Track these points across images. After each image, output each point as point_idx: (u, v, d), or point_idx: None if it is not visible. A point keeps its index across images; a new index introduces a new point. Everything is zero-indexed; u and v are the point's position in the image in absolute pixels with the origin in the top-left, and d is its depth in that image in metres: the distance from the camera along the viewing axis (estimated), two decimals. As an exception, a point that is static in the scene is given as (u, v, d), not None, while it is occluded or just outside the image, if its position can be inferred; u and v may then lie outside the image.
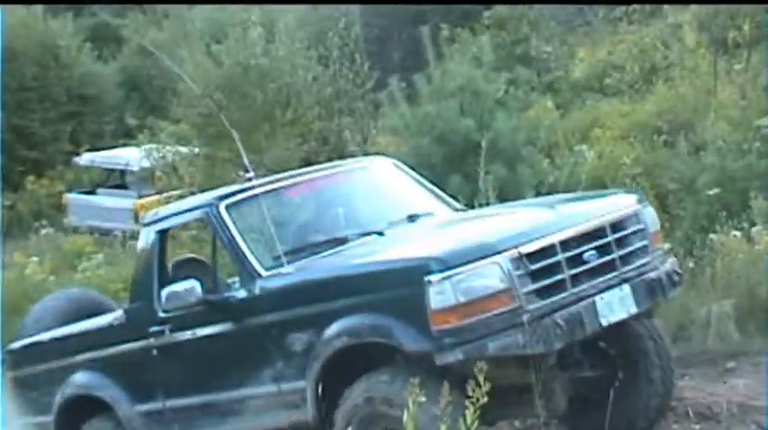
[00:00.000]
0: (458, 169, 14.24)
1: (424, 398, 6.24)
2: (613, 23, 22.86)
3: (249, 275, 8.29)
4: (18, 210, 29.73)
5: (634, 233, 8.03)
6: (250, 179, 9.35)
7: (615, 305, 7.55)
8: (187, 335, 8.73)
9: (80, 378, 9.73)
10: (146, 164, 22.88)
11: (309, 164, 19.45)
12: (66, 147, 33.88)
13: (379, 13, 28.97)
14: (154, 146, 21.58)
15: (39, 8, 37.45)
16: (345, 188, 9.77)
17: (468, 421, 5.19)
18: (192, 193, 19.35)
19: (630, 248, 7.93)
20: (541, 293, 7.21)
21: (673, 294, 8.51)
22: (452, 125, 15.27)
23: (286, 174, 10.01)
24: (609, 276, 7.66)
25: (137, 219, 23.98)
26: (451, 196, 10.10)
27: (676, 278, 8.28)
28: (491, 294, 7.04)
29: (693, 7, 18.46)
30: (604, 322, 7.44)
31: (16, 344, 10.72)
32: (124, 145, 27.61)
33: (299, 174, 9.79)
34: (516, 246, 7.20)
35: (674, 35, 19.52)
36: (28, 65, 35.06)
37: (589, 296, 7.42)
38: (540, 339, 7.00)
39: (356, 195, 9.74)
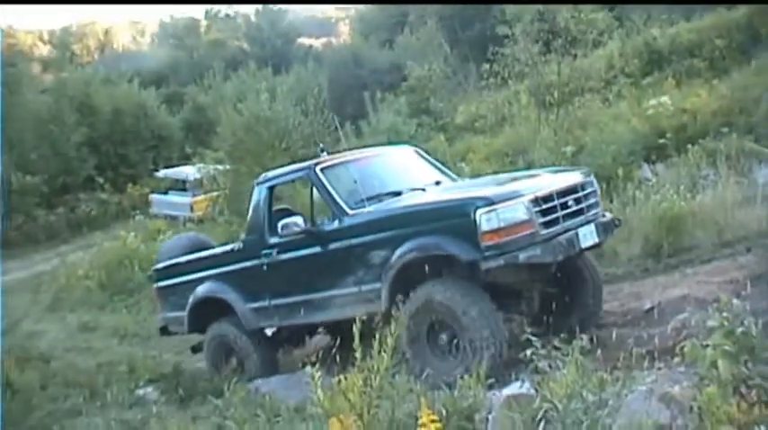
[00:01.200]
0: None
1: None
2: (479, 89, 22.82)
3: (339, 213, 8.17)
4: (122, 205, 30.41)
5: (592, 192, 8.11)
6: (323, 151, 9.28)
7: (587, 236, 7.67)
8: (290, 255, 8.61)
9: (208, 286, 9.61)
10: (197, 176, 23.26)
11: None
12: (150, 166, 34.31)
13: (338, 83, 29.05)
14: (202, 165, 21.97)
15: (135, 83, 38.56)
16: (392, 161, 9.56)
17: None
18: (226, 195, 19.77)
19: (591, 201, 8.00)
20: (547, 225, 7.29)
21: (614, 233, 8.56)
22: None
23: (353, 151, 9.93)
24: (581, 218, 7.75)
25: (192, 209, 24.28)
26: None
27: (617, 223, 8.42)
28: (519, 222, 7.12)
29: (526, 81, 18.44)
30: (582, 246, 7.60)
31: (160, 265, 10.59)
32: (184, 164, 27.79)
33: (363, 152, 9.74)
34: (533, 192, 7.31)
35: (515, 97, 19.59)
36: (128, 117, 35.68)
37: (572, 229, 7.52)
38: (550, 252, 7.16)
39: (399, 166, 9.43)
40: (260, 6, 52.54)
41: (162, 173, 29.15)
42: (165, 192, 27.51)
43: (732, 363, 3.46)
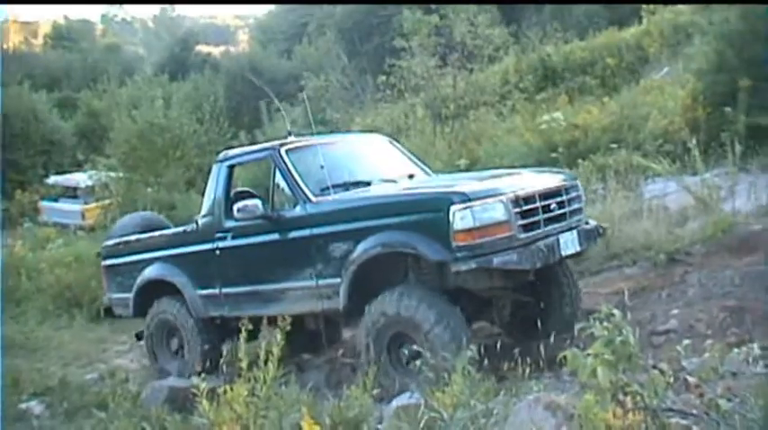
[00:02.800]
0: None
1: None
2: (376, 101, 22.90)
3: (302, 199, 7.51)
4: (10, 212, 29.41)
5: (576, 197, 7.55)
6: (290, 134, 8.60)
7: (569, 243, 7.07)
8: (245, 241, 8.03)
9: (157, 267, 9.02)
10: (89, 183, 22.57)
11: (193, 185, 19.70)
12: (40, 172, 33.32)
13: (234, 92, 28.78)
14: (94, 172, 21.43)
15: (26, 85, 37.21)
16: (363, 149, 9.03)
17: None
18: (119, 203, 19.35)
19: (574, 206, 7.44)
20: (526, 228, 6.70)
21: (597, 242, 8.03)
22: (278, 161, 15.32)
23: (321, 136, 9.26)
24: (563, 223, 7.15)
25: (83, 217, 23.67)
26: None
27: (600, 231, 7.82)
28: (496, 223, 6.52)
29: (422, 94, 18.57)
30: (563, 253, 7.01)
31: (109, 242, 9.95)
32: (76, 171, 27.16)
33: (332, 137, 9.23)
34: (513, 192, 6.70)
35: (411, 110, 19.70)
36: (18, 120, 34.37)
37: (553, 235, 6.93)
38: (527, 259, 6.53)
39: (371, 155, 8.87)
40: (158, 12, 51.86)
41: (52, 179, 28.42)
42: (56, 200, 26.84)
43: (611, 371, 3.55)
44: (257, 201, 7.78)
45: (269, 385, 4.39)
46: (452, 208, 6.46)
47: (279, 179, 7.84)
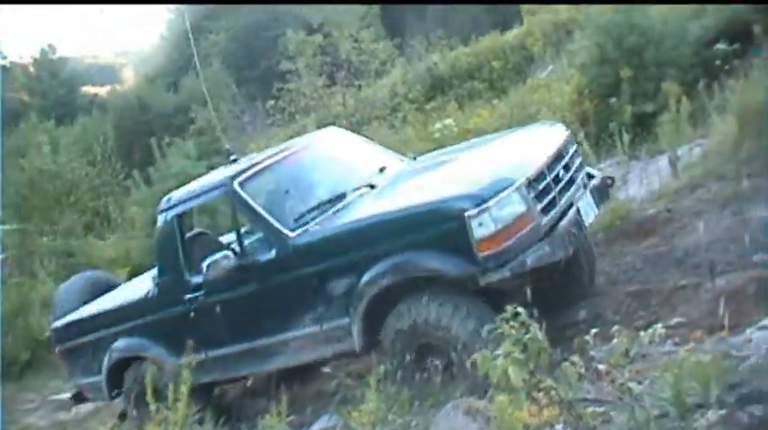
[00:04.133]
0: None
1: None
2: (268, 126, 22.73)
3: (278, 238, 6.44)
4: None
5: (575, 151, 6.68)
6: (235, 161, 7.56)
7: (588, 210, 6.24)
8: (221, 296, 6.86)
9: (124, 343, 7.81)
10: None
11: (91, 230, 19.19)
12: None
13: (123, 130, 28.22)
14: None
15: None
16: (321, 154, 7.70)
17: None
18: (14, 256, 18.66)
19: (577, 162, 6.56)
20: (545, 210, 5.81)
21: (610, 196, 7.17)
22: (173, 195, 15.10)
23: (266, 152, 7.81)
24: (575, 187, 6.28)
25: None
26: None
27: (609, 182, 6.97)
28: (518, 216, 5.57)
29: (313, 114, 18.44)
30: (587, 223, 6.19)
31: (59, 323, 8.69)
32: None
33: (283, 149, 7.57)
34: (524, 175, 5.74)
35: (303, 131, 19.54)
36: None
37: (569, 207, 6.04)
38: (561, 247, 5.63)
39: (332, 159, 7.69)
40: (38, 55, 50.37)
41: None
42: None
43: (522, 370, 3.53)
44: (227, 253, 6.76)
45: (181, 426, 4.22)
46: (467, 215, 5.49)
47: (242, 218, 7.01)
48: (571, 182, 6.29)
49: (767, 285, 5.81)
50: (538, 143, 6.59)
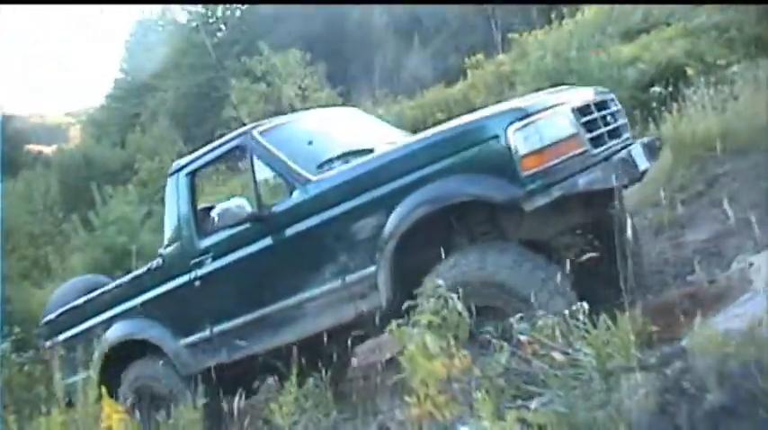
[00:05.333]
0: (119, 267, 13.63)
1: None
2: (218, 174, 22.60)
3: (299, 182, 5.76)
4: None
5: (619, 110, 5.91)
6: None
7: (640, 157, 5.39)
8: (231, 257, 6.18)
9: (121, 327, 6.99)
10: None
11: (28, 278, 18.77)
12: None
13: (67, 186, 27.96)
14: None
15: None
16: (345, 118, 7.34)
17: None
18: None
19: (621, 122, 5.83)
20: (594, 142, 5.15)
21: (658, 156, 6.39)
22: (113, 240, 14.98)
23: (292, 114, 7.59)
24: (623, 137, 5.65)
25: None
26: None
27: (658, 143, 6.22)
28: (566, 137, 4.96)
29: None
30: (642, 168, 5.37)
31: (51, 315, 7.89)
32: None
33: (305, 113, 7.38)
34: (571, 102, 5.22)
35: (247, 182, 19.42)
36: None
37: (617, 152, 5.36)
38: (614, 174, 4.88)
39: (357, 122, 7.20)
40: (-20, 114, 49.91)
41: None
42: None
43: (439, 337, 3.39)
44: (241, 200, 6.27)
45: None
46: (511, 128, 4.88)
47: (260, 169, 6.10)
48: (617, 131, 5.66)
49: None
50: (582, 91, 5.85)
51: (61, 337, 7.72)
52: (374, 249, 5.32)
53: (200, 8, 38.69)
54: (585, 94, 5.64)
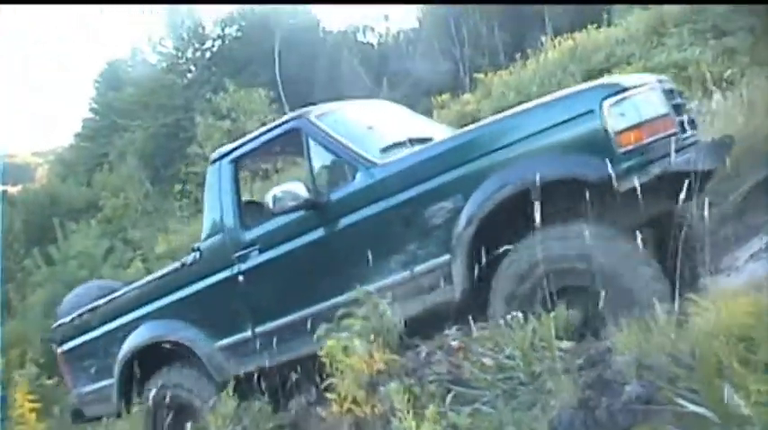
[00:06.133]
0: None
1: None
2: (182, 219, 22.52)
3: (364, 166, 5.31)
4: None
5: (684, 104, 5.30)
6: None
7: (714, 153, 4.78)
8: (281, 249, 5.68)
9: (149, 328, 6.39)
10: None
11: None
12: None
13: (32, 224, 27.71)
14: None
15: None
16: (401, 109, 6.85)
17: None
18: None
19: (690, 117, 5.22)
20: (680, 127, 4.77)
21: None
22: (74, 275, 14.91)
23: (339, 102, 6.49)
24: (691, 132, 4.99)
25: None
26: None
27: (728, 141, 5.19)
28: (660, 116, 4.60)
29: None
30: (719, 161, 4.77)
31: (65, 319, 7.14)
32: None
33: (359, 101, 6.78)
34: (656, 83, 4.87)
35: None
36: None
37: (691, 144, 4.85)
38: (709, 156, 4.53)
39: (415, 114, 6.87)
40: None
41: None
42: None
43: (369, 344, 3.36)
44: (299, 184, 5.54)
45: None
46: (606, 103, 4.51)
47: (317, 155, 5.67)
48: (692, 122, 5.21)
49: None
50: (660, 77, 5.35)
51: (76, 342, 7.09)
52: (448, 236, 4.88)
53: (170, 49, 38.81)
54: (666, 81, 5.25)
